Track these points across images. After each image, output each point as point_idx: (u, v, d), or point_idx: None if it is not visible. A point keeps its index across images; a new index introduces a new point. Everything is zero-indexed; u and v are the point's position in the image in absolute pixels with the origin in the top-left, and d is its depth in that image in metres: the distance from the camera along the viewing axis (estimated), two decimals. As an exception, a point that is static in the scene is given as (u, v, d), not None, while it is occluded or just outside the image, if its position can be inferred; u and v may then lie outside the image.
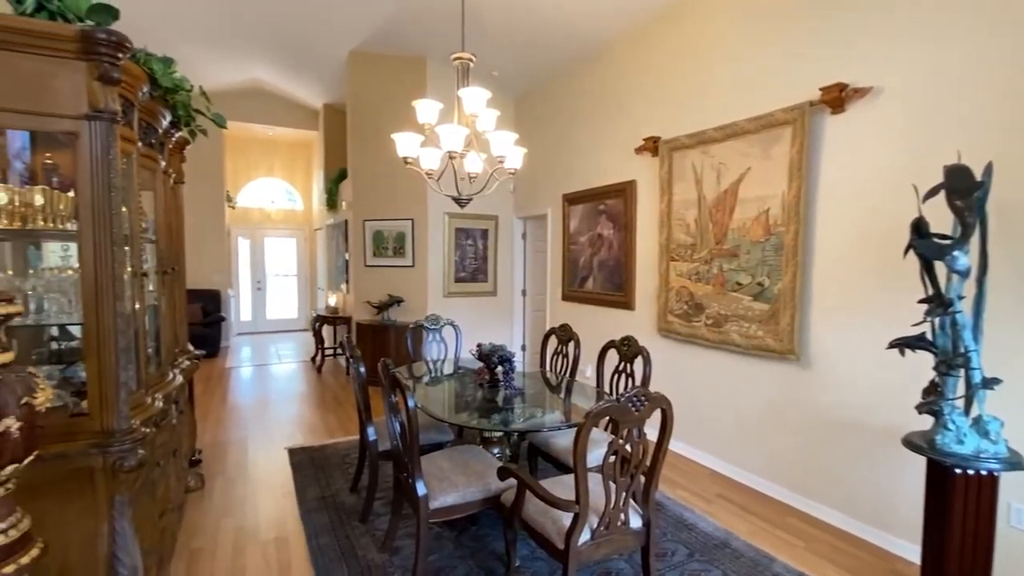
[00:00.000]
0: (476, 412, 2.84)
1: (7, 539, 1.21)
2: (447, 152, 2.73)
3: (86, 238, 1.70)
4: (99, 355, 1.72)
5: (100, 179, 1.69)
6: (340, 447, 4.10)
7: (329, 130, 8.23)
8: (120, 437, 1.73)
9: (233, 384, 6.39)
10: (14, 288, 1.87)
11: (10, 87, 1.57)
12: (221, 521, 2.93)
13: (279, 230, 10.55)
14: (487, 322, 6.36)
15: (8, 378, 1.18)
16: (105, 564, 1.76)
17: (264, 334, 10.27)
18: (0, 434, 1.14)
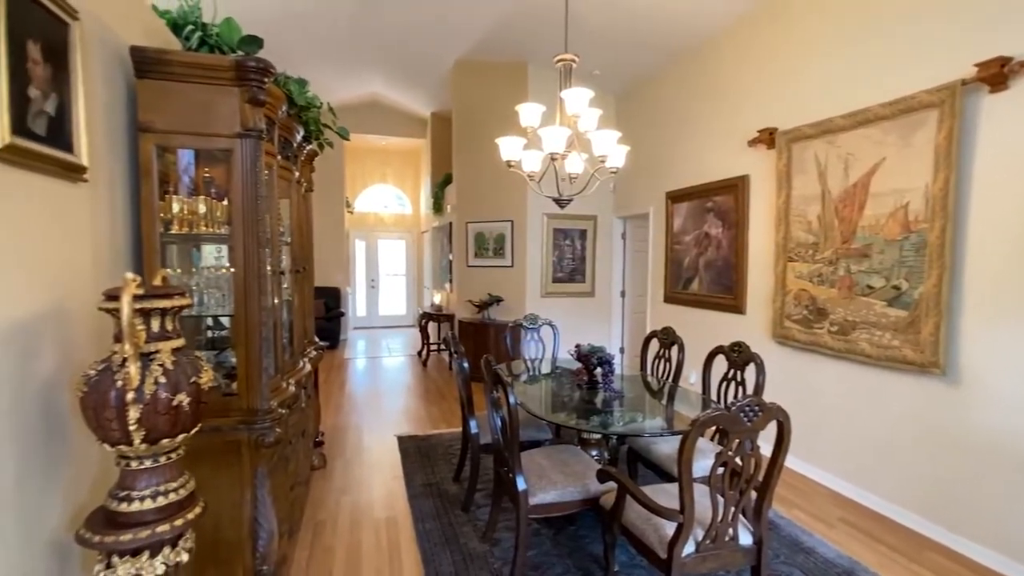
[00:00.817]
0: (574, 413, 2.85)
1: (178, 496, 1.43)
2: (549, 154, 2.75)
3: (237, 241, 1.95)
4: (247, 344, 1.97)
5: (249, 189, 1.93)
6: (444, 438, 4.31)
7: (436, 137, 8.66)
8: (262, 416, 1.97)
9: (350, 374, 6.96)
10: (182, 284, 2.20)
11: (184, 113, 1.85)
12: (340, 498, 3.21)
13: (391, 233, 11.30)
14: (584, 323, 6.32)
15: (181, 360, 1.39)
16: (248, 526, 2.01)
17: (377, 329, 11.06)
18: (175, 407, 1.35)
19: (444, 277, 8.32)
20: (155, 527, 1.35)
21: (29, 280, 1.33)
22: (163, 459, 1.40)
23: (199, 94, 1.87)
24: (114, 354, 1.31)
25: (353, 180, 10.59)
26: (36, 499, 1.35)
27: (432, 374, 6.91)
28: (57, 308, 1.44)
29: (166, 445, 1.38)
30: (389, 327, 11.26)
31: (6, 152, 1.19)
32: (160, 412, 1.32)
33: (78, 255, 1.55)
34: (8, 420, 1.25)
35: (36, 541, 1.35)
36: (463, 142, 6.55)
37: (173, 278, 2.23)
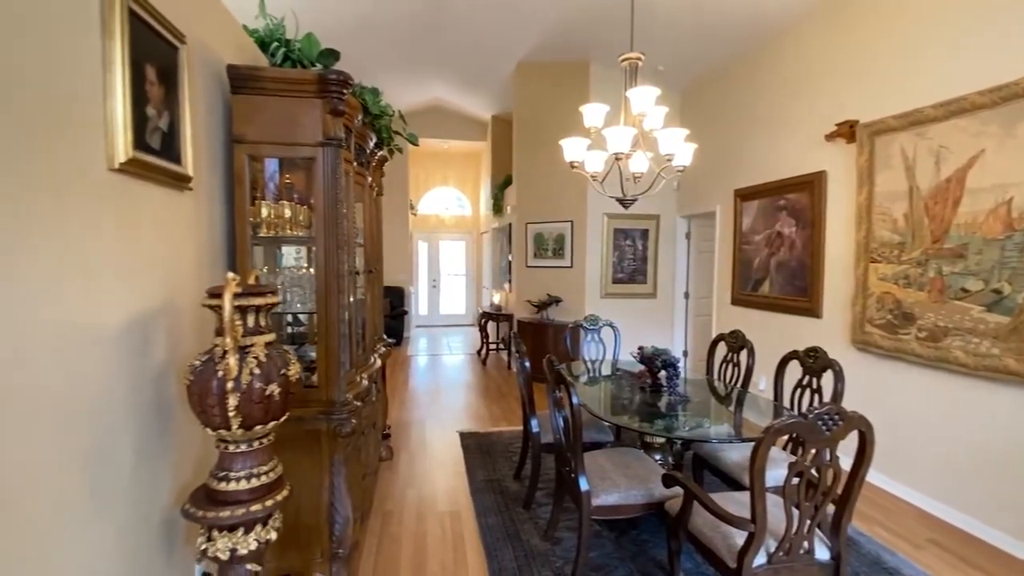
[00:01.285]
0: (637, 416, 2.81)
1: (268, 479, 1.55)
2: (613, 154, 2.74)
3: (319, 243, 2.08)
4: (326, 339, 2.09)
5: (329, 195, 2.05)
6: (504, 436, 4.37)
7: (496, 140, 8.77)
8: (339, 408, 2.09)
9: (413, 371, 7.19)
10: (270, 283, 2.37)
11: (273, 124, 1.99)
12: (406, 490, 3.34)
13: (451, 234, 11.56)
14: (645, 325, 6.20)
15: (273, 353, 1.51)
16: (326, 511, 2.14)
17: (438, 327, 11.35)
18: (267, 396, 1.47)
19: (503, 277, 8.42)
20: (249, 506, 1.47)
21: (146, 279, 1.49)
22: (256, 444, 1.52)
23: (286, 106, 2.01)
24: (215, 347, 1.44)
25: (416, 183, 10.91)
26: (150, 475, 1.51)
27: (491, 372, 7.01)
28: (167, 304, 1.60)
29: (259, 431, 1.50)
30: (449, 326, 11.52)
31: (128, 165, 1.34)
32: (254, 401, 1.44)
33: (184, 256, 1.71)
34: (128, 403, 1.40)
35: (150, 512, 1.51)
36: (524, 144, 6.60)
37: (262, 278, 2.41)
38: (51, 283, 1.10)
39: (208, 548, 1.48)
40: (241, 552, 1.49)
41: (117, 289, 1.34)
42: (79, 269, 1.19)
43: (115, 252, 1.33)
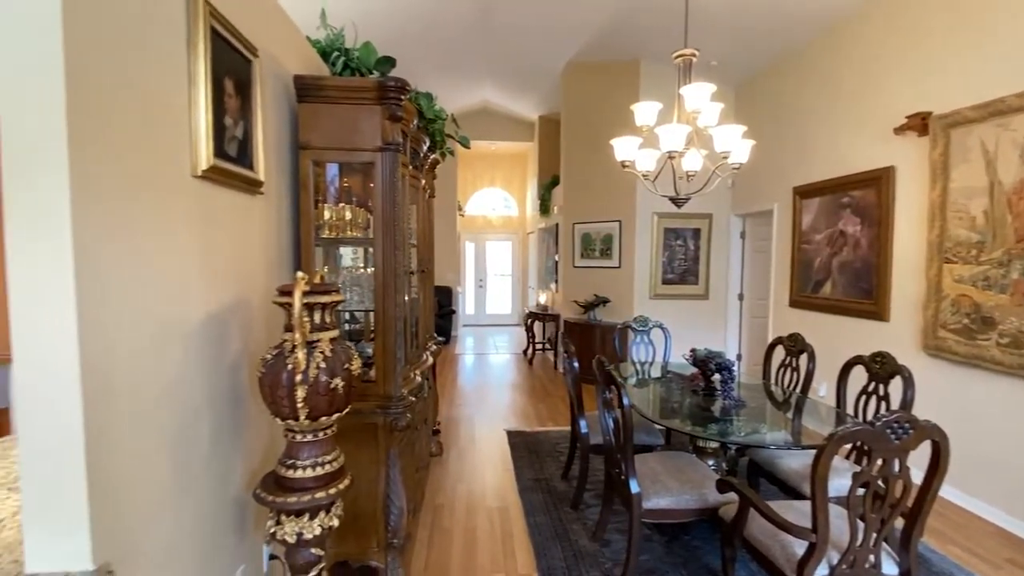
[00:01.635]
0: (689, 419, 2.75)
1: (331, 468, 1.63)
2: (666, 152, 2.70)
3: (377, 244, 2.16)
4: (383, 336, 2.17)
5: (387, 197, 2.13)
6: (551, 436, 4.38)
7: (543, 140, 8.79)
8: (395, 402, 2.16)
9: (460, 369, 7.30)
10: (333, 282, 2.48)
11: (335, 130, 2.09)
12: (456, 485, 3.41)
13: (497, 234, 11.67)
14: (696, 326, 6.04)
15: (337, 349, 1.59)
16: (382, 502, 2.22)
17: (484, 327, 11.48)
18: (332, 389, 1.55)
19: (549, 277, 8.42)
20: (314, 493, 1.56)
21: (223, 277, 1.59)
22: (321, 434, 1.61)
23: (347, 113, 2.10)
24: (285, 341, 1.53)
25: (464, 184, 11.07)
26: (225, 459, 1.62)
27: (537, 372, 7.03)
28: (241, 300, 1.71)
29: (324, 422, 1.58)
30: (495, 325, 11.62)
31: (210, 172, 1.44)
32: (320, 393, 1.52)
33: (255, 256, 1.82)
34: (206, 392, 1.51)
35: (225, 494, 1.62)
36: (571, 144, 6.58)
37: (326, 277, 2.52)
38: (149, 281, 1.20)
39: (277, 531, 1.57)
40: (306, 536, 1.58)
41: (199, 286, 1.45)
42: (171, 268, 1.30)
43: (198, 252, 1.44)
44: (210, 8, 1.41)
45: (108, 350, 1.06)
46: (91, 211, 1.01)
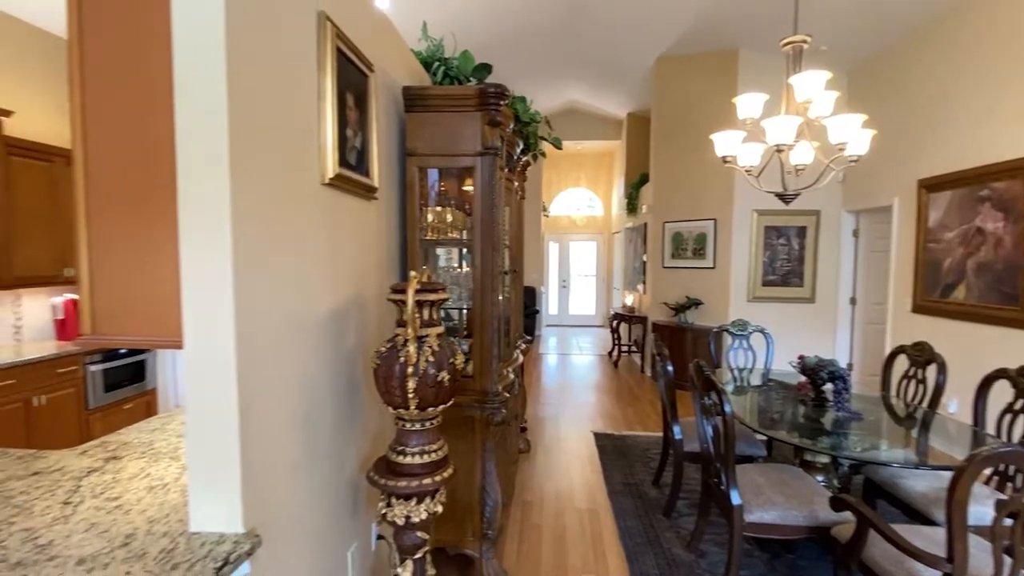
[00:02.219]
0: (795, 431, 2.58)
1: (436, 457, 1.72)
2: (774, 146, 2.55)
3: (476, 245, 2.24)
4: (480, 333, 2.25)
5: (486, 200, 2.21)
6: (639, 440, 4.28)
7: (631, 138, 8.60)
8: (491, 398, 2.23)
9: (544, 368, 7.35)
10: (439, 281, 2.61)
11: (438, 137, 2.20)
12: (544, 483, 3.44)
13: (582, 234, 11.59)
14: (801, 332, 5.62)
15: (443, 343, 1.68)
16: (478, 493, 2.30)
17: (567, 327, 11.45)
18: (439, 382, 1.63)
19: (636, 278, 8.23)
20: (422, 479, 1.65)
21: (344, 276, 1.74)
22: (428, 424, 1.70)
23: (449, 120, 2.20)
24: (397, 336, 1.63)
25: (549, 185, 11.12)
26: (342, 442, 1.76)
27: (623, 375, 6.90)
28: (357, 297, 1.85)
29: (431, 412, 1.67)
30: (578, 326, 11.55)
31: (335, 180, 1.58)
32: (429, 385, 1.61)
33: (369, 257, 1.97)
34: (330, 380, 1.66)
35: (342, 475, 1.76)
36: (662, 140, 6.39)
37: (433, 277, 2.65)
38: (285, 278, 1.34)
39: (387, 512, 1.68)
40: (414, 520, 1.67)
41: (324, 284, 1.59)
42: (302, 267, 1.44)
43: (323, 253, 1.58)
44: (336, 30, 1.55)
45: (253, 338, 1.20)
46: (244, 219, 1.15)
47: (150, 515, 1.23)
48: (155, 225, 1.17)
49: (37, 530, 1.16)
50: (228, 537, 1.13)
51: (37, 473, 1.47)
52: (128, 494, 1.34)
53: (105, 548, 1.09)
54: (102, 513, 1.24)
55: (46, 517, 1.22)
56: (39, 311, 3.88)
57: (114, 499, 1.31)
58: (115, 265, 1.20)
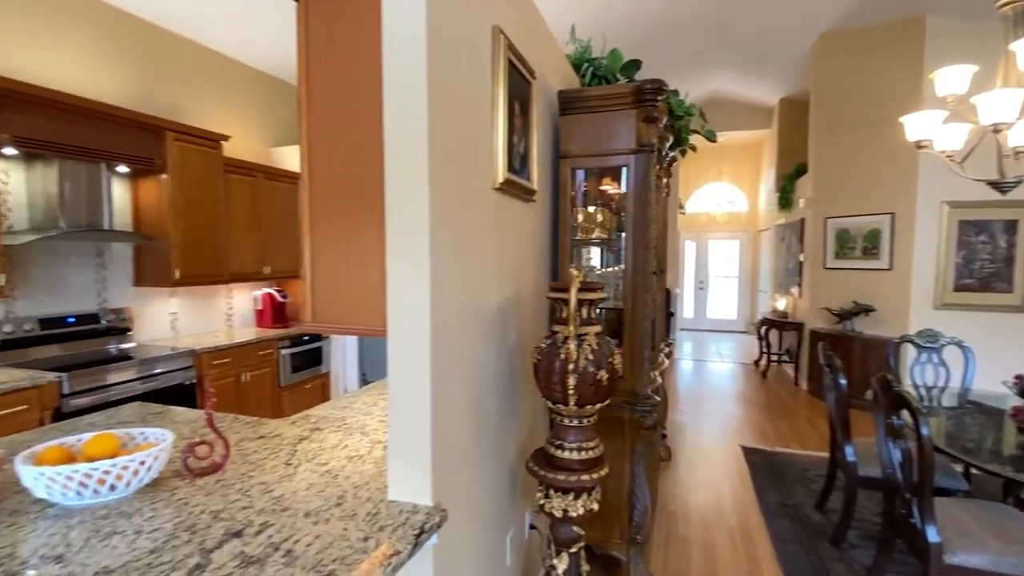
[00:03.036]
0: (1009, 463, 2.15)
1: (592, 455, 1.74)
2: (988, 126, 2.15)
3: (628, 244, 2.22)
4: (631, 334, 2.22)
5: (640, 198, 2.17)
6: (797, 459, 3.90)
7: (784, 125, 7.86)
8: (642, 400, 2.19)
9: (680, 374, 7.02)
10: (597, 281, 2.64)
11: (590, 138, 2.21)
12: (688, 494, 3.29)
13: (722, 232, 10.85)
14: (1006, 346, 4.68)
15: (601, 342, 1.69)
16: (626, 496, 2.27)
17: (703, 332, 10.81)
18: (597, 380, 1.65)
19: (790, 280, 7.48)
20: (580, 475, 1.68)
21: (507, 274, 1.83)
22: (585, 421, 1.72)
23: (603, 120, 2.21)
24: (557, 333, 1.68)
25: (687, 180, 10.59)
26: (503, 431, 1.86)
27: (772, 386, 6.32)
28: (517, 295, 1.94)
29: (588, 410, 1.69)
30: (717, 331, 10.84)
31: (504, 184, 1.67)
32: (588, 383, 1.63)
33: (527, 256, 2.05)
34: (495, 371, 1.76)
35: (504, 462, 1.86)
36: (824, 126, 5.73)
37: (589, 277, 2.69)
38: (463, 274, 1.45)
39: (545, 504, 1.74)
40: (571, 514, 1.71)
41: (492, 281, 1.70)
42: (476, 265, 1.54)
43: (492, 252, 1.68)
44: (508, 42, 1.64)
45: (441, 329, 1.32)
46: (437, 224, 1.27)
47: (354, 481, 1.41)
48: (362, 233, 1.35)
49: (270, 484, 1.40)
50: (420, 508, 1.26)
51: (262, 437, 1.77)
52: (333, 461, 1.55)
53: (324, 506, 1.27)
54: (316, 475, 1.45)
55: (275, 474, 1.46)
56: (244, 302, 4.66)
57: (323, 464, 1.53)
58: (331, 266, 1.40)
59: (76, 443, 1.39)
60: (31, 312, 3.12)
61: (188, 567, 1.01)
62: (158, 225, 3.61)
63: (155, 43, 3.85)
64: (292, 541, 1.11)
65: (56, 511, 1.24)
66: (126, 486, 1.30)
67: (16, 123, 2.78)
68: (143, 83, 3.78)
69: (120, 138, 3.29)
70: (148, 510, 1.24)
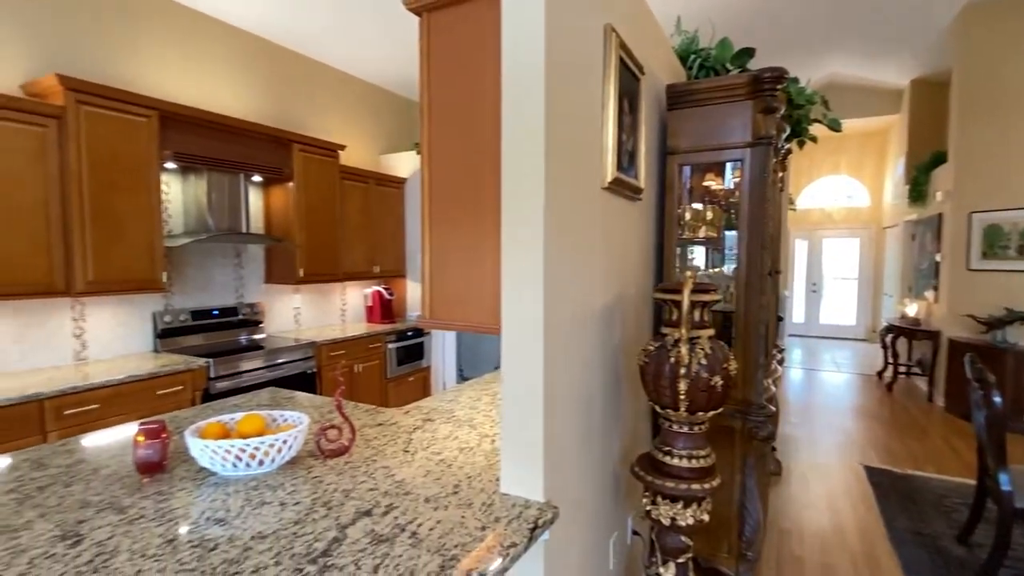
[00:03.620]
0: None
1: (704, 464, 1.67)
2: None
3: (742, 242, 2.10)
4: (744, 339, 2.10)
5: (756, 194, 2.05)
6: (932, 484, 3.46)
7: (917, 109, 7.01)
8: (755, 409, 2.07)
9: (790, 383, 6.50)
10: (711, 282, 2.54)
11: (700, 132, 2.12)
12: (802, 512, 3.05)
13: (839, 230, 9.90)
14: None
15: (715, 347, 1.62)
16: (736, 509, 2.16)
17: (816, 338, 9.94)
18: (711, 386, 1.58)
19: (923, 283, 6.66)
20: (690, 484, 1.62)
21: (612, 275, 1.81)
22: (696, 428, 1.66)
23: (714, 113, 2.11)
24: (667, 335, 1.63)
25: (798, 174, 9.80)
26: (608, 434, 1.84)
27: (901, 401, 5.66)
28: (621, 295, 1.91)
29: (700, 417, 1.62)
30: (831, 338, 9.91)
31: (612, 184, 1.65)
32: (700, 388, 1.56)
33: (631, 256, 2.01)
34: (600, 371, 1.74)
35: (607, 464, 1.84)
36: (970, 109, 5.03)
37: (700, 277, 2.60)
38: (572, 274, 1.46)
39: (652, 510, 1.70)
40: (680, 523, 1.65)
41: (599, 281, 1.69)
42: (584, 264, 1.54)
43: (599, 252, 1.67)
44: (619, 40, 1.62)
45: (553, 328, 1.34)
46: (550, 224, 1.29)
47: (467, 472, 1.47)
48: (477, 235, 1.40)
49: (391, 469, 1.49)
50: (532, 503, 1.28)
51: (380, 424, 1.90)
52: (446, 451, 1.63)
53: (441, 493, 1.34)
54: (431, 464, 1.53)
55: (395, 459, 1.56)
56: (355, 299, 5.01)
57: (437, 453, 1.61)
58: (446, 266, 1.47)
59: (230, 421, 1.58)
60: (184, 305, 3.60)
61: (328, 539, 1.11)
62: (285, 228, 3.99)
63: (281, 62, 4.27)
64: (416, 524, 1.18)
65: (216, 479, 1.42)
66: (271, 462, 1.45)
67: (176, 141, 3.21)
68: (271, 99, 4.20)
69: (256, 151, 3.68)
70: (289, 485, 1.38)
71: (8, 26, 2.79)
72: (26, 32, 2.86)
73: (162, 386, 2.92)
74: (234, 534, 1.14)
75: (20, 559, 1.04)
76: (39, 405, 2.43)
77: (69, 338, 3.04)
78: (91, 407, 2.61)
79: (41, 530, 1.15)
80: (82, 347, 3.10)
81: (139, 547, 1.08)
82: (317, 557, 1.04)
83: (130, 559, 1.04)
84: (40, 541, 1.10)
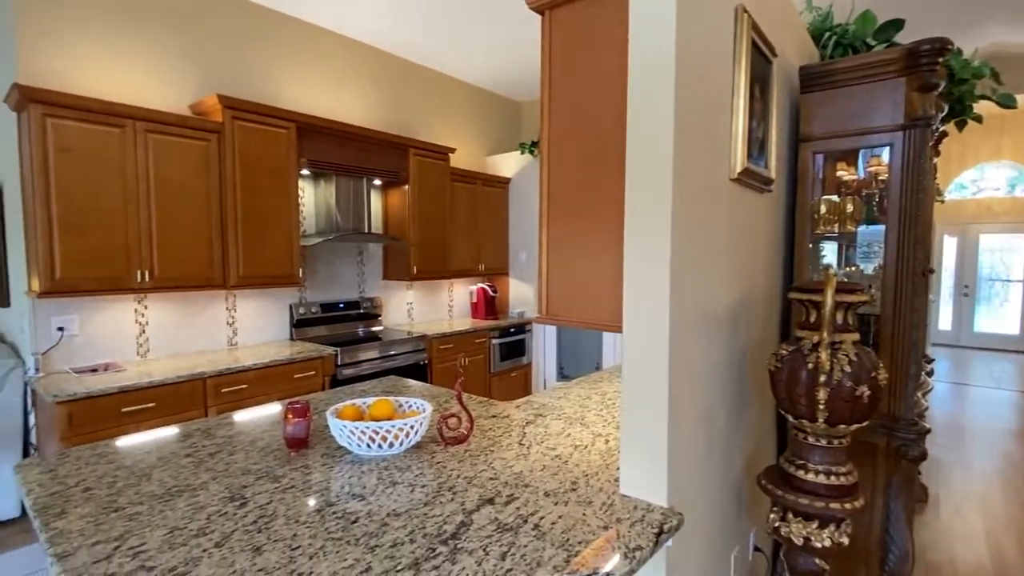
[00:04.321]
0: None
1: (845, 481, 1.51)
2: None
3: (890, 238, 1.88)
4: (892, 345, 1.88)
5: (910, 182, 1.82)
6: None
7: (1114, 77, 5.80)
8: (905, 425, 1.84)
9: (935, 398, 5.71)
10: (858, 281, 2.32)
11: (838, 117, 1.93)
12: (956, 545, 2.66)
13: (1000, 223, 8.52)
14: None
15: (862, 352, 1.46)
16: (877, 535, 1.93)
17: (967, 349, 8.65)
18: (856, 397, 1.42)
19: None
20: (828, 502, 1.47)
21: (738, 273, 1.70)
22: (835, 442, 1.51)
23: (858, 95, 1.90)
24: (803, 339, 1.50)
25: (946, 161, 8.55)
26: (731, 441, 1.73)
27: (1087, 427, 4.74)
28: (747, 295, 1.79)
29: (841, 430, 1.47)
30: (987, 349, 8.56)
31: (741, 175, 1.55)
32: (843, 399, 1.42)
33: (757, 252, 1.87)
34: (724, 377, 1.65)
35: (730, 474, 1.74)
36: None
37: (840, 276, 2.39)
38: (697, 272, 1.39)
39: (781, 527, 1.57)
40: (815, 544, 1.52)
41: (724, 279, 1.59)
42: (709, 262, 1.46)
43: (724, 248, 1.57)
44: (752, 21, 1.51)
45: (678, 327, 1.28)
46: (676, 219, 1.23)
47: (583, 469, 1.46)
48: (594, 233, 1.39)
49: (509, 460, 1.53)
50: (655, 507, 1.24)
51: (494, 416, 1.95)
52: (560, 448, 1.63)
53: (560, 488, 1.34)
54: (547, 459, 1.54)
55: (511, 452, 1.59)
56: (462, 295, 5.21)
57: (551, 449, 1.62)
58: (564, 263, 1.47)
59: (363, 404, 1.70)
60: (315, 298, 3.96)
61: (456, 523, 1.16)
62: (401, 228, 4.25)
63: (394, 70, 4.54)
64: (538, 517, 1.19)
65: (351, 458, 1.54)
66: (400, 445, 1.55)
67: (310, 149, 3.54)
68: (389, 107, 4.49)
69: (376, 156, 3.96)
70: (416, 467, 1.47)
71: (179, 55, 3.25)
72: (193, 59, 3.30)
73: (298, 371, 3.24)
74: (372, 509, 1.22)
75: (200, 514, 1.20)
76: (203, 383, 2.81)
77: (223, 326, 3.48)
78: (241, 387, 2.96)
79: (215, 491, 1.32)
80: (233, 334, 3.53)
81: (292, 513, 1.20)
82: (447, 539, 1.09)
83: (287, 523, 1.16)
84: (215, 500, 1.27)
